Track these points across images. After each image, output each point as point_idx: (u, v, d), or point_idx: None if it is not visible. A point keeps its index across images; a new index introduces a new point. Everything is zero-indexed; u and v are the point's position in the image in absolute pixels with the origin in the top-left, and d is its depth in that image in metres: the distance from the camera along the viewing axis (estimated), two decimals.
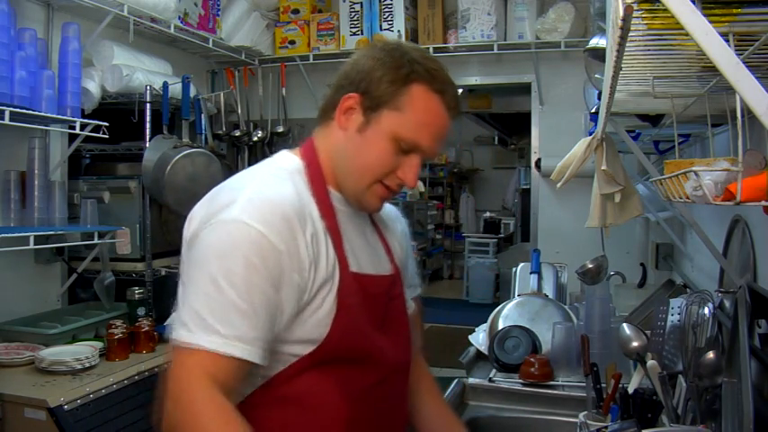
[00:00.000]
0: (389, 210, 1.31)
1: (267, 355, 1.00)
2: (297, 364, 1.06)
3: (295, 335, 1.04)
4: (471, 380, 1.99)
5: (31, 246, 2.21)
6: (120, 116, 2.78)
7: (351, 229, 1.13)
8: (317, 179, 1.12)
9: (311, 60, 3.69)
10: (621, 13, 0.69)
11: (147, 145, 2.78)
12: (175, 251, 3.01)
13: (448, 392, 1.90)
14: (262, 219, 0.99)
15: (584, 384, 1.74)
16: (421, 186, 7.97)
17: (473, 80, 3.72)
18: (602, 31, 1.68)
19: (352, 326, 1.08)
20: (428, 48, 3.50)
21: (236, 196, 1.02)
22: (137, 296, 2.59)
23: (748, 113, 0.81)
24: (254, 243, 0.97)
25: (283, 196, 1.03)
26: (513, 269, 2.80)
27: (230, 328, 0.96)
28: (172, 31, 2.99)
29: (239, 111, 3.76)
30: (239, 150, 3.81)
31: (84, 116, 2.47)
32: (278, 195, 1.03)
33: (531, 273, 2.63)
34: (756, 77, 0.66)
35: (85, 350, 2.19)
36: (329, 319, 1.05)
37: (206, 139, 3.15)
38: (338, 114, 1.12)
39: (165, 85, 2.86)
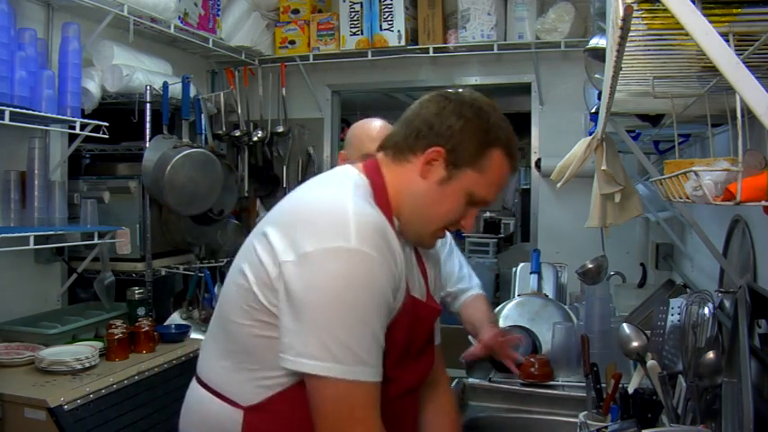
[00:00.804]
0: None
1: None
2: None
3: None
4: (471, 380, 1.99)
5: (31, 246, 2.21)
6: (120, 116, 2.78)
7: (406, 256, 1.19)
8: (386, 206, 1.16)
9: (311, 60, 3.69)
10: (621, 13, 0.69)
11: (147, 145, 2.78)
12: (175, 251, 3.03)
13: None
14: (375, 245, 1.04)
15: (584, 384, 1.74)
16: None
17: (473, 80, 3.72)
18: (602, 31, 1.68)
19: (395, 346, 1.13)
20: (428, 48, 3.50)
21: (344, 222, 1.04)
22: (137, 296, 2.59)
23: (748, 113, 0.81)
24: (378, 272, 1.04)
25: (380, 219, 1.09)
26: (513, 269, 2.80)
27: (374, 357, 1.04)
28: (172, 31, 2.99)
29: (239, 111, 3.76)
30: (239, 150, 3.81)
31: (84, 116, 2.46)
32: (378, 219, 1.08)
33: (531, 273, 2.64)
34: (756, 77, 0.66)
35: (85, 350, 2.19)
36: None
37: (206, 139, 3.15)
38: (421, 163, 1.16)
39: (165, 85, 2.86)
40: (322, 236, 1.03)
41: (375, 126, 1.85)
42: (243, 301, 1.11)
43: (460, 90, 1.22)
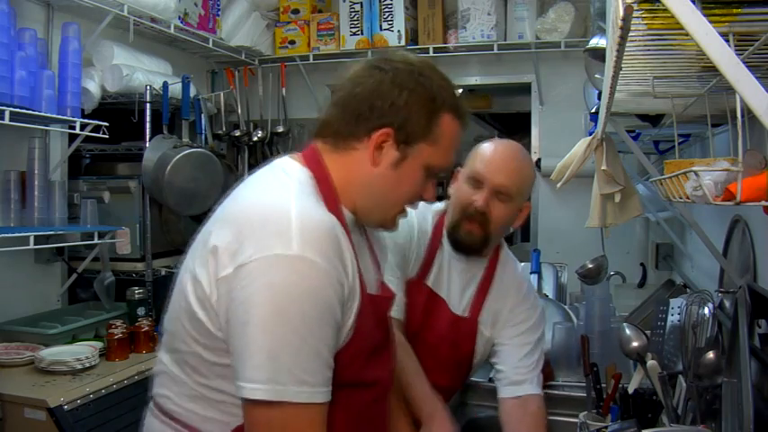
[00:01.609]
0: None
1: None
2: None
3: None
4: (471, 380, 1.99)
5: (31, 246, 2.21)
6: (120, 116, 2.78)
7: (358, 249, 1.09)
8: (333, 199, 1.06)
9: (311, 60, 3.69)
10: (621, 13, 0.69)
11: (147, 145, 2.78)
12: (175, 251, 3.03)
13: None
14: (321, 251, 0.93)
15: (584, 384, 1.74)
16: None
17: (473, 80, 3.71)
18: (602, 31, 1.68)
19: (363, 350, 1.06)
20: (428, 48, 3.50)
21: (285, 225, 0.94)
22: (137, 296, 2.59)
23: (748, 113, 0.81)
24: (323, 281, 0.93)
25: (326, 219, 0.99)
26: None
27: (317, 376, 0.93)
28: (172, 31, 2.99)
29: (239, 111, 3.76)
30: (239, 150, 3.81)
31: (84, 116, 2.46)
32: (323, 220, 0.98)
33: (531, 273, 2.64)
34: (756, 77, 0.66)
35: (85, 350, 2.19)
36: (347, 342, 1.01)
37: (206, 139, 3.15)
38: (370, 149, 1.06)
39: (165, 85, 2.86)
40: (261, 244, 0.92)
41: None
42: (191, 327, 1.01)
43: (390, 54, 1.11)
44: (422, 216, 1.63)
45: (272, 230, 0.93)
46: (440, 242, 1.61)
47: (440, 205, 1.66)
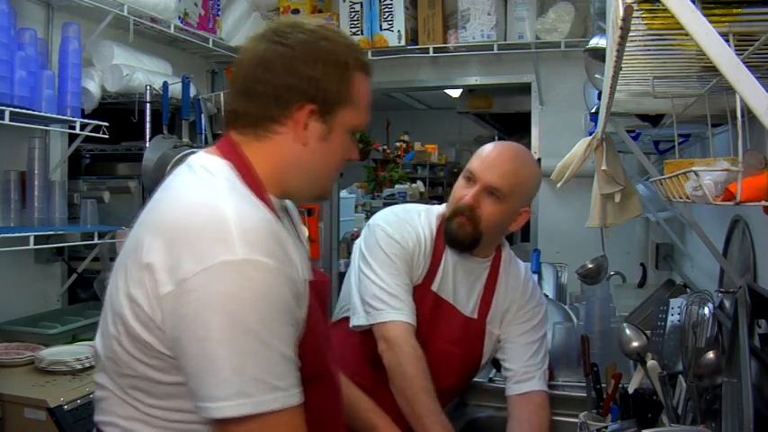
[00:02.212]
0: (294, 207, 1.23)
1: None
2: None
3: None
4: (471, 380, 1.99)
5: (31, 246, 2.21)
6: (120, 116, 2.78)
7: (289, 235, 1.05)
8: (259, 188, 1.01)
9: None
10: (621, 13, 0.69)
11: (147, 145, 2.78)
12: None
13: None
14: (267, 250, 0.89)
15: (584, 384, 1.74)
16: (421, 186, 7.97)
17: (473, 80, 3.72)
18: (602, 31, 1.68)
19: (317, 338, 1.04)
20: (428, 48, 3.50)
21: (224, 229, 0.88)
22: None
23: (748, 113, 0.81)
24: (275, 281, 0.89)
25: (264, 216, 0.95)
26: None
27: (286, 380, 0.89)
28: (172, 31, 2.99)
29: None
30: None
31: (84, 116, 2.46)
32: (261, 217, 0.94)
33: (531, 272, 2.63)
34: (756, 77, 0.66)
35: (85, 350, 2.19)
36: (301, 335, 0.98)
37: (206, 139, 3.14)
38: (294, 129, 1.02)
39: (165, 85, 2.86)
40: (201, 254, 0.86)
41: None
42: (136, 351, 0.93)
43: (280, 25, 1.05)
44: (427, 222, 1.64)
45: (210, 237, 0.88)
46: (443, 246, 1.62)
47: (441, 208, 1.67)
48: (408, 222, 1.62)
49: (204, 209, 0.92)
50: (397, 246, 1.57)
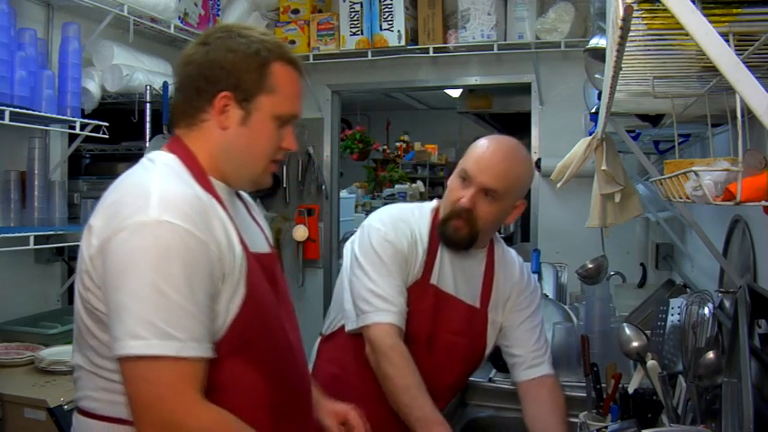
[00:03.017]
0: (249, 197, 1.37)
1: (212, 347, 1.04)
2: (220, 351, 1.06)
3: (217, 322, 1.07)
4: (471, 380, 1.99)
5: (31, 246, 2.21)
6: (120, 116, 2.78)
7: (235, 213, 1.19)
8: (200, 172, 1.14)
9: (311, 60, 3.69)
10: (621, 13, 0.69)
11: (147, 145, 2.78)
12: None
13: None
14: (182, 214, 1.01)
15: (584, 384, 1.74)
16: (421, 186, 7.97)
17: (473, 80, 3.72)
18: (602, 31, 1.68)
19: (261, 302, 1.14)
20: (428, 48, 3.50)
21: (144, 197, 1.02)
22: None
23: (748, 113, 0.81)
24: (185, 241, 0.99)
25: (188, 190, 1.07)
26: None
27: (185, 332, 0.97)
28: (172, 31, 2.99)
29: None
30: None
31: (84, 116, 2.46)
32: (184, 189, 1.07)
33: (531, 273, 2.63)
34: (756, 77, 0.66)
35: None
36: (242, 298, 1.08)
37: None
38: (215, 115, 1.14)
39: (165, 85, 2.86)
40: (123, 216, 1.00)
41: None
42: (86, 315, 1.08)
43: (213, 29, 1.20)
44: (420, 222, 1.64)
45: (132, 204, 1.02)
46: (438, 240, 1.62)
47: (434, 203, 1.68)
48: (402, 220, 1.62)
49: (134, 186, 1.07)
50: (390, 246, 1.57)
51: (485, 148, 1.57)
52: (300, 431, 1.24)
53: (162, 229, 0.98)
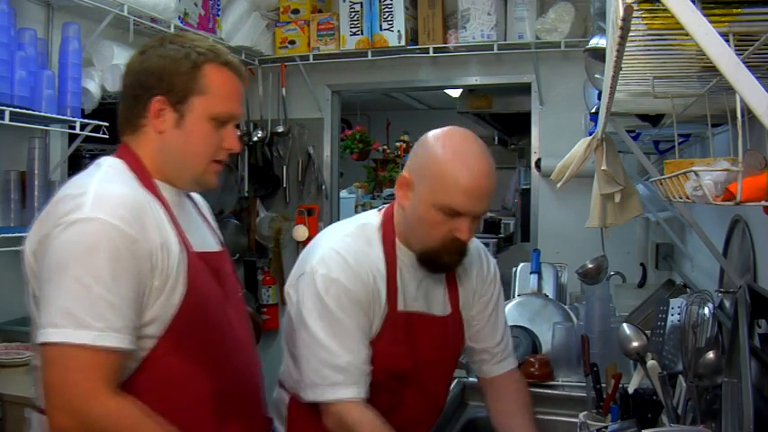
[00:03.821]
0: (197, 197, 1.43)
1: (135, 340, 1.09)
2: (162, 344, 1.13)
3: (156, 315, 1.12)
4: (471, 380, 1.99)
5: None
6: None
7: (182, 214, 1.25)
8: (143, 175, 1.21)
9: (311, 60, 3.69)
10: (621, 13, 0.69)
11: None
12: None
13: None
14: (114, 212, 1.07)
15: (584, 384, 1.74)
16: None
17: (473, 80, 3.71)
18: (602, 31, 1.68)
19: (203, 299, 1.19)
20: (428, 48, 3.50)
21: (82, 197, 1.08)
22: None
23: (748, 113, 0.81)
24: (113, 237, 1.05)
25: (126, 190, 1.13)
26: (513, 269, 2.80)
27: (103, 321, 1.03)
28: (172, 31, 2.99)
29: None
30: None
31: (84, 116, 2.46)
32: (121, 190, 1.13)
33: (531, 273, 2.63)
34: (756, 77, 0.66)
35: None
36: (182, 295, 1.14)
37: None
38: (151, 119, 1.20)
39: None
40: (59, 214, 1.07)
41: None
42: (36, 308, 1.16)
43: (151, 39, 1.26)
44: (372, 252, 1.39)
45: (70, 202, 1.08)
46: (395, 263, 1.40)
47: (374, 219, 1.45)
48: (353, 256, 1.35)
49: (74, 187, 1.14)
50: (345, 296, 1.32)
51: (467, 176, 1.29)
52: (246, 424, 1.27)
53: (92, 225, 1.05)
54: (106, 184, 1.13)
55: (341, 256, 1.34)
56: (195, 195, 1.39)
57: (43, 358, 1.04)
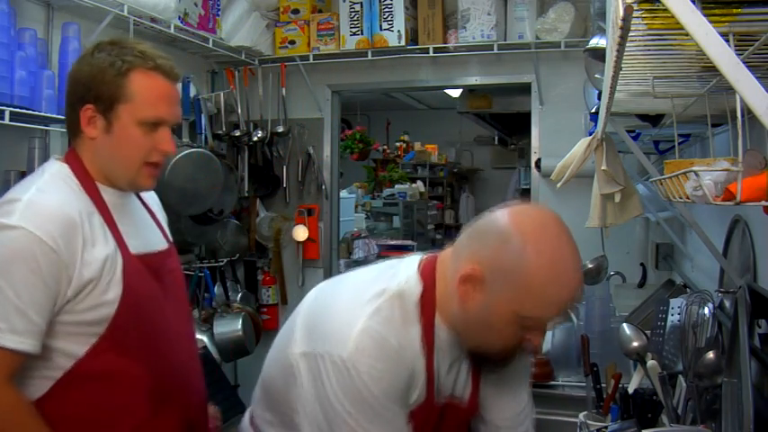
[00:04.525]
0: (151, 195, 1.51)
1: (40, 343, 1.15)
2: (99, 344, 1.20)
3: (91, 316, 1.19)
4: None
5: None
6: None
7: (124, 215, 1.31)
8: (86, 179, 1.27)
9: (311, 60, 3.69)
10: (621, 13, 0.69)
11: None
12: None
13: None
14: (38, 223, 1.13)
15: (584, 384, 1.74)
16: (421, 186, 7.97)
17: (473, 80, 3.71)
18: (602, 31, 1.68)
19: (139, 299, 1.25)
20: (428, 48, 3.50)
21: (14, 204, 1.15)
22: None
23: (748, 113, 0.81)
24: (33, 247, 1.12)
25: (59, 199, 1.19)
26: None
27: (6, 324, 1.12)
28: (172, 31, 2.99)
29: (239, 111, 3.76)
30: (239, 150, 3.81)
31: None
32: (54, 199, 1.19)
33: None
34: (756, 77, 0.66)
35: None
36: (118, 296, 1.21)
37: (206, 139, 3.14)
38: (84, 127, 1.26)
39: None
40: None
41: None
42: None
43: (87, 48, 1.32)
44: (410, 334, 1.14)
45: (3, 208, 1.16)
46: (432, 345, 1.16)
47: (415, 289, 1.16)
48: (392, 341, 1.11)
49: (11, 192, 1.21)
50: (384, 390, 1.10)
51: (565, 291, 1.08)
52: (181, 415, 1.33)
53: (15, 234, 1.13)
54: (41, 193, 1.19)
55: (380, 344, 1.10)
56: (146, 194, 1.46)
57: None
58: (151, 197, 1.50)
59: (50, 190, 1.21)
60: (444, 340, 1.17)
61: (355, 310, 1.12)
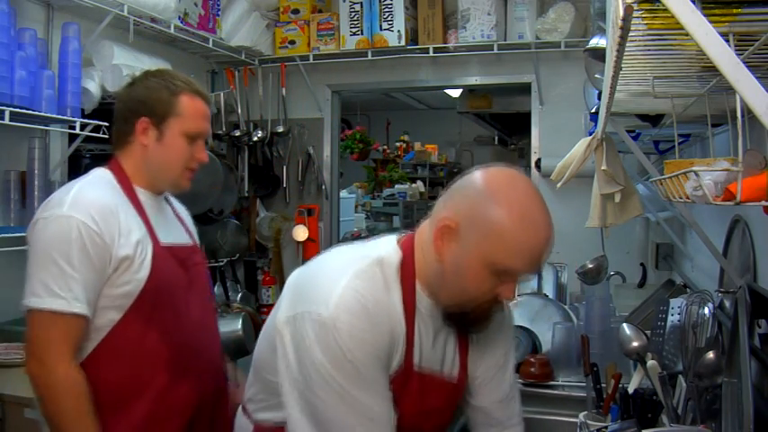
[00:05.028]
0: (180, 207, 1.76)
1: (94, 311, 1.39)
2: (127, 315, 1.42)
3: (123, 290, 1.41)
4: None
5: None
6: None
7: (155, 213, 1.55)
8: (125, 182, 1.52)
9: (311, 60, 3.69)
10: (621, 13, 0.69)
11: None
12: None
13: None
14: (84, 211, 1.38)
15: (584, 384, 1.74)
16: (421, 186, 7.97)
17: (473, 80, 3.71)
18: (602, 31, 1.68)
19: (163, 281, 1.47)
20: (428, 48, 3.50)
21: (64, 197, 1.41)
22: None
23: (748, 113, 0.81)
24: (80, 230, 1.36)
25: (100, 194, 1.44)
26: None
27: (70, 293, 1.35)
28: (172, 31, 2.99)
29: (239, 111, 3.76)
30: (239, 150, 3.81)
31: (84, 116, 2.46)
32: (96, 193, 1.44)
33: None
34: (756, 77, 0.66)
35: None
36: (146, 276, 1.43)
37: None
38: (138, 136, 1.51)
39: None
40: (46, 209, 1.41)
41: None
42: None
43: (138, 75, 1.59)
44: (392, 297, 1.18)
45: (56, 201, 1.41)
46: (413, 310, 1.20)
47: (394, 256, 1.22)
48: (374, 303, 1.14)
49: (64, 189, 1.45)
50: (371, 356, 1.13)
51: (534, 240, 1.12)
52: (197, 389, 1.52)
53: (68, 221, 1.37)
54: (85, 189, 1.44)
55: (361, 303, 1.13)
56: (176, 204, 1.71)
57: (27, 320, 1.38)
58: (181, 209, 1.73)
59: (93, 187, 1.46)
60: (425, 307, 1.21)
61: (337, 272, 1.17)
